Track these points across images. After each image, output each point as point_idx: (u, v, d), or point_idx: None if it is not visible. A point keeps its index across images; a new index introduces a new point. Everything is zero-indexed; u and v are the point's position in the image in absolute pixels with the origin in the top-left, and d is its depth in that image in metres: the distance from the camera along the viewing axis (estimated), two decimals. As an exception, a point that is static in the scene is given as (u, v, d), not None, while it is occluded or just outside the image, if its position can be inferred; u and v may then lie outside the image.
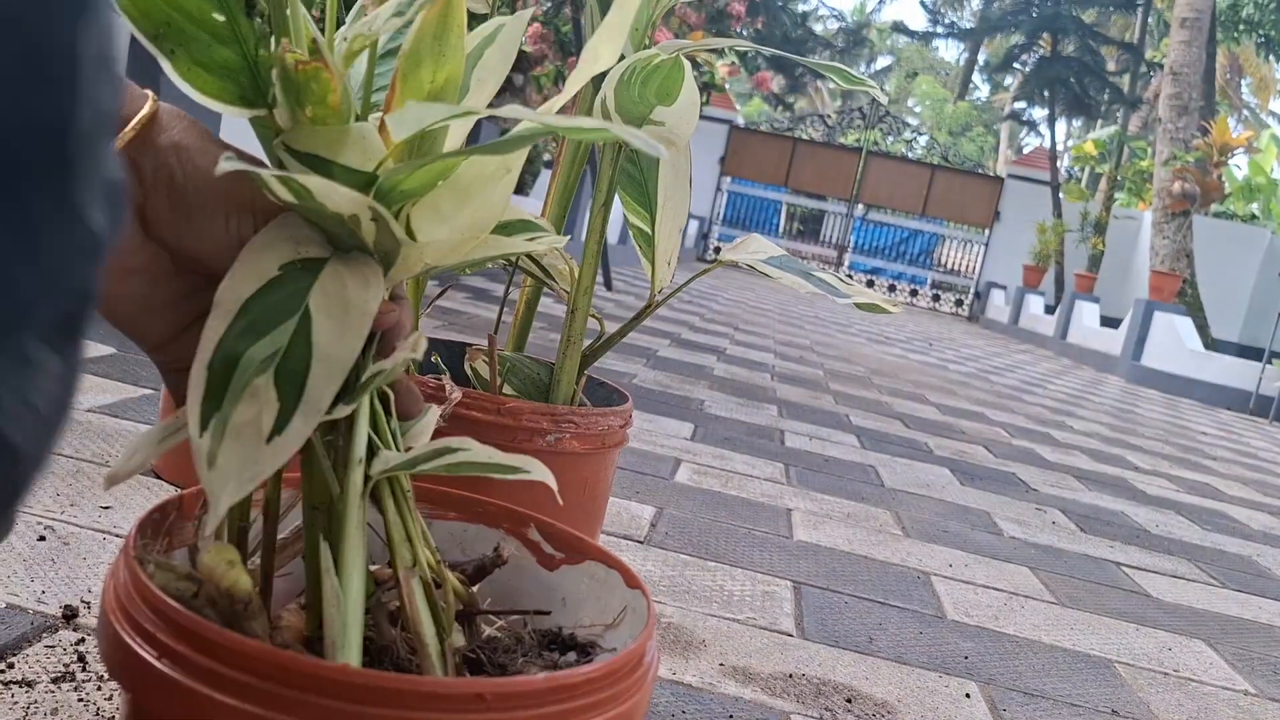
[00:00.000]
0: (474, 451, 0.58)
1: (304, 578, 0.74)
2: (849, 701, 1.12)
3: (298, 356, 0.48)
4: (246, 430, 0.47)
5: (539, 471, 0.59)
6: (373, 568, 0.69)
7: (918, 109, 33.11)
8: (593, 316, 0.95)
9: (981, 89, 30.19)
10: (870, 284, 15.10)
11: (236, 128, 3.51)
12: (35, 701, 0.80)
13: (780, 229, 18.04)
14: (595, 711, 0.56)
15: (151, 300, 0.54)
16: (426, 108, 0.44)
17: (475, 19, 0.76)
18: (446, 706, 0.52)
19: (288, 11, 0.53)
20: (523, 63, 5.71)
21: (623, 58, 0.78)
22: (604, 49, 0.41)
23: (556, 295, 0.97)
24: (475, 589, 0.70)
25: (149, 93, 0.49)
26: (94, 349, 1.99)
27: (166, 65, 0.50)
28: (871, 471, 2.46)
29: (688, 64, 0.70)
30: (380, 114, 0.53)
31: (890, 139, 16.28)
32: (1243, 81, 21.98)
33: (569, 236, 0.67)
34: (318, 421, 0.48)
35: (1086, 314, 10.39)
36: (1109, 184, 13.70)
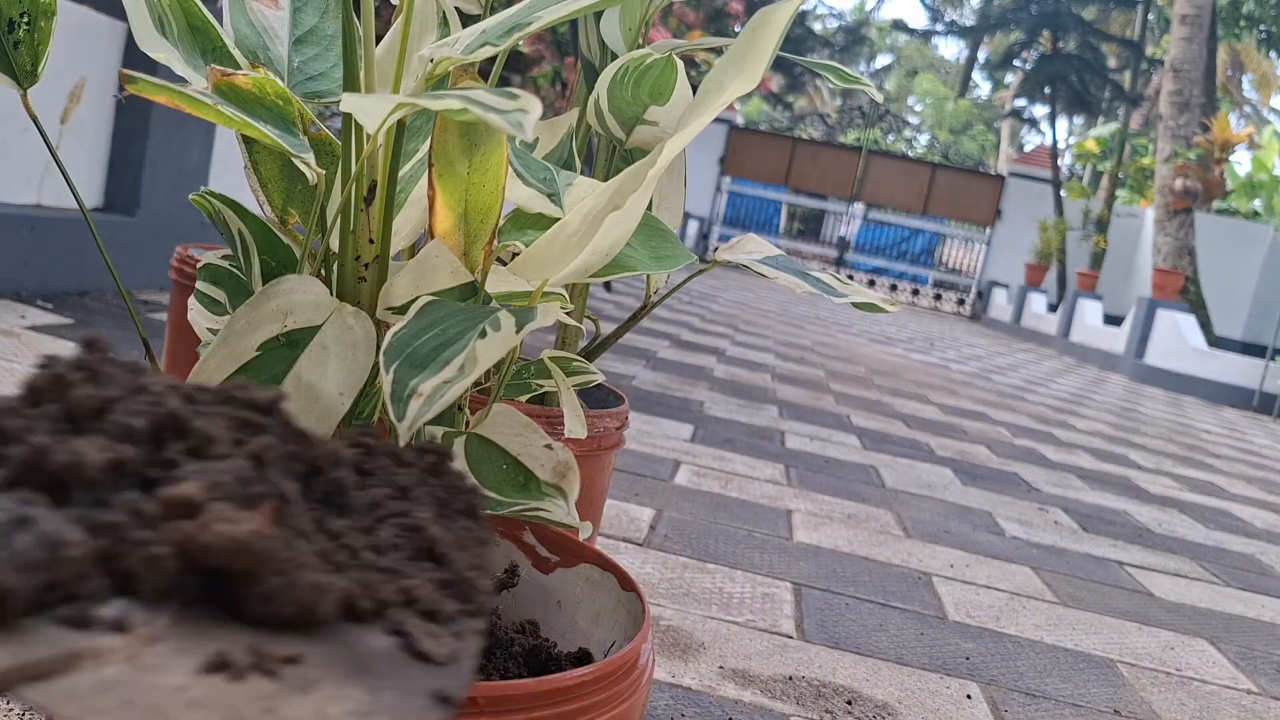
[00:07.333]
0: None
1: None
2: (849, 703, 1.12)
3: None
4: None
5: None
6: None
7: (918, 107, 33.08)
8: (589, 318, 0.94)
9: (982, 87, 30.15)
10: (871, 284, 15.06)
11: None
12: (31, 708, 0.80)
13: (781, 229, 18.02)
14: (589, 715, 0.55)
15: None
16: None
17: (469, 19, 0.76)
18: (440, 711, 0.52)
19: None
20: (520, 64, 5.72)
21: (616, 57, 0.78)
22: (731, 80, 0.40)
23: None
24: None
25: None
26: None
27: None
28: (873, 472, 2.45)
29: (680, 63, 0.69)
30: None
31: (891, 138, 16.27)
32: (1244, 78, 21.94)
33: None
34: None
35: (1089, 312, 10.37)
36: (1111, 181, 13.67)
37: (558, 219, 0.59)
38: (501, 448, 0.54)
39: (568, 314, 0.93)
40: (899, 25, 19.65)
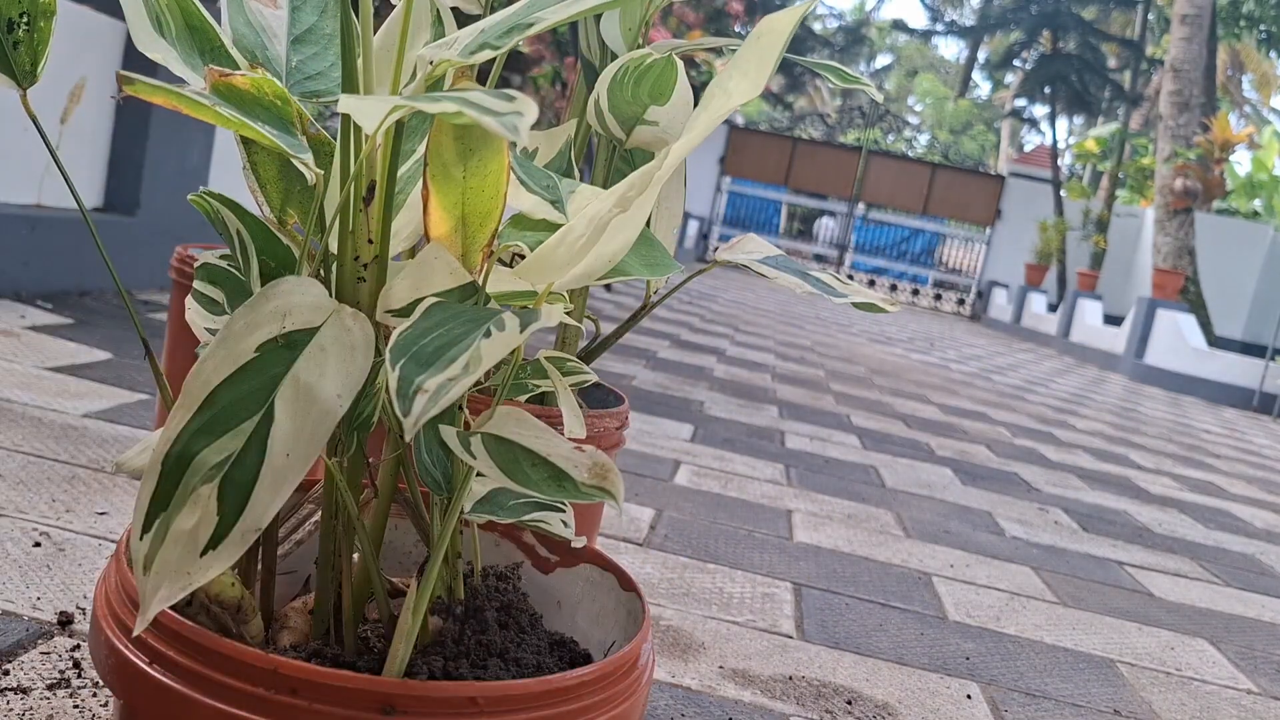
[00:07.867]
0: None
1: (303, 577, 0.73)
2: (849, 703, 1.12)
3: (248, 465, 0.47)
4: (184, 539, 0.47)
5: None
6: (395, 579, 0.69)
7: (918, 107, 33.07)
8: (589, 318, 0.94)
9: (982, 87, 30.15)
10: (871, 284, 15.06)
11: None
12: (31, 708, 0.80)
13: (781, 229, 18.03)
14: (589, 714, 0.55)
15: None
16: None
17: (467, 19, 0.76)
18: (440, 709, 0.52)
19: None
20: (520, 63, 5.71)
21: (614, 57, 0.78)
22: (736, 84, 0.39)
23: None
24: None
25: None
26: (89, 354, 1.99)
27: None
28: (872, 472, 2.45)
29: (680, 63, 0.70)
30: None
31: (891, 138, 16.25)
32: (1244, 78, 21.94)
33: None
34: (255, 538, 0.47)
35: (1089, 312, 10.37)
36: (1111, 181, 13.67)
37: (562, 224, 0.59)
38: (526, 448, 0.53)
39: (568, 314, 0.93)
40: (899, 25, 19.64)
